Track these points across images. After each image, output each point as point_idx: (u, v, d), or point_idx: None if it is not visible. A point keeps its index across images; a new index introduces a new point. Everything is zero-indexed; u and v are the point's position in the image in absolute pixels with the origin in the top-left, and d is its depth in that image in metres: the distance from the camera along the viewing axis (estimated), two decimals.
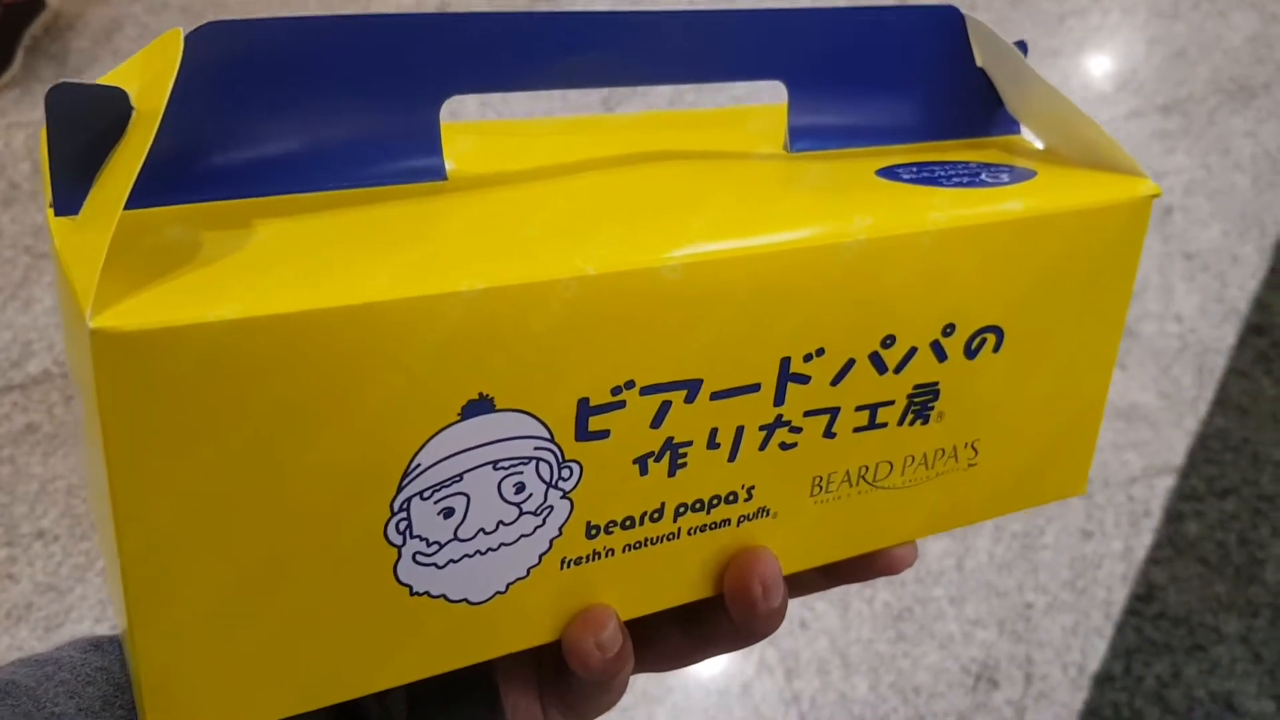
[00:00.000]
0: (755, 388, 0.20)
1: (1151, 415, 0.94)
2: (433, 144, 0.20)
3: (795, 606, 0.81)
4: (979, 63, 0.24)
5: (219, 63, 0.18)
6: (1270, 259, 1.07)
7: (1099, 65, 1.30)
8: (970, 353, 0.22)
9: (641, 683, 0.77)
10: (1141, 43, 1.32)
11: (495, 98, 1.20)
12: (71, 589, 0.84)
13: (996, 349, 0.22)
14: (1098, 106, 1.22)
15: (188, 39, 0.17)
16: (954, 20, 0.24)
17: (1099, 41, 1.33)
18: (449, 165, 0.20)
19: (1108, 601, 0.82)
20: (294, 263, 0.17)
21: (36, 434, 0.93)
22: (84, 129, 0.17)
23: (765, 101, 0.28)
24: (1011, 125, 0.26)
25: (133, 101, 0.17)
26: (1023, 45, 0.24)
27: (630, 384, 0.19)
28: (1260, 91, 1.24)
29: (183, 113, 0.18)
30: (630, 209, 0.20)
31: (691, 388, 0.19)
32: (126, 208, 0.18)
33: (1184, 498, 0.89)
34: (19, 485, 0.90)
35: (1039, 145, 0.25)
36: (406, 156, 0.20)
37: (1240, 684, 0.77)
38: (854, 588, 0.83)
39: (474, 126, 0.24)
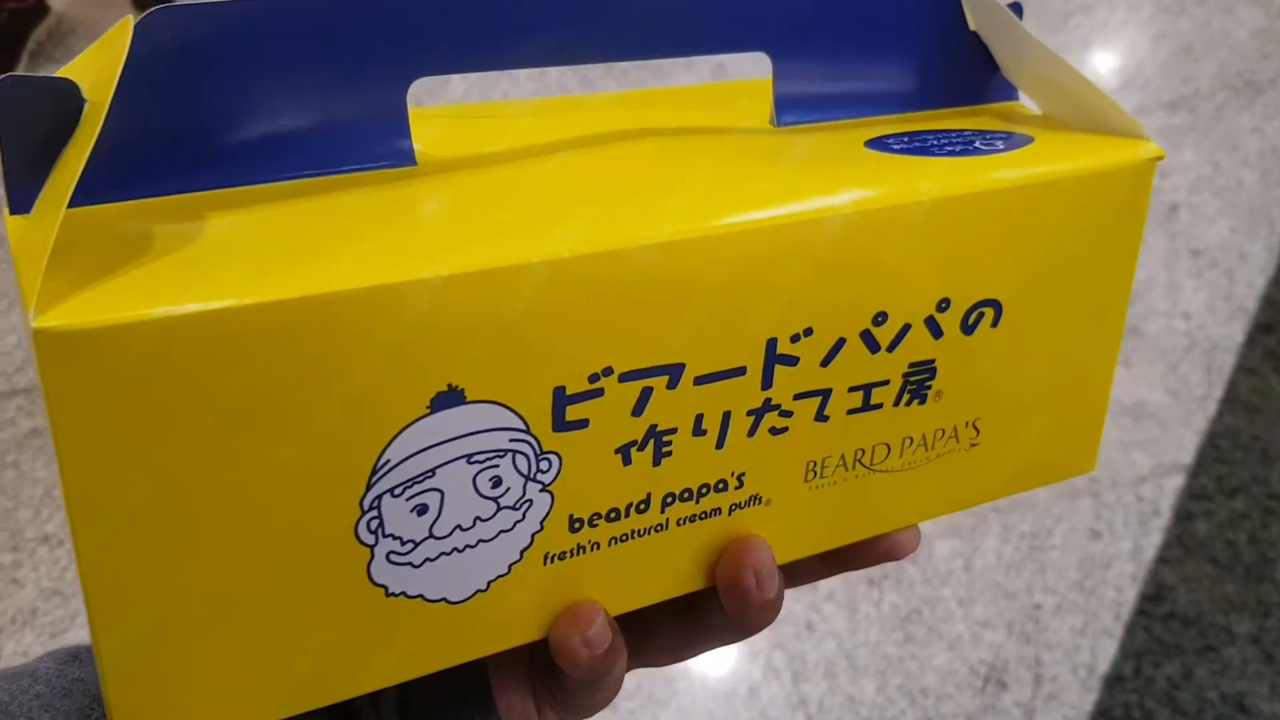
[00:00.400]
0: (741, 371, 0.19)
1: (1160, 414, 0.93)
2: (400, 127, 0.19)
3: (801, 609, 0.81)
4: (972, 27, 0.24)
5: (173, 50, 0.17)
6: (1279, 256, 1.06)
7: (1104, 62, 1.29)
8: (967, 328, 0.21)
9: (647, 685, 0.77)
10: (1147, 39, 1.32)
11: (488, 83, 1.20)
12: (76, 594, 0.84)
13: (995, 323, 0.22)
14: None
15: (137, 26, 0.17)
16: None
17: (1104, 38, 1.32)
18: (418, 149, 0.20)
19: (1117, 602, 0.81)
20: (251, 254, 0.16)
21: (42, 438, 0.93)
22: (36, 124, 0.16)
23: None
24: (1009, 91, 0.25)
25: (85, 94, 0.17)
26: (1018, 8, 0.23)
27: (608, 371, 0.18)
28: (1267, 87, 1.24)
29: (136, 103, 0.17)
30: (605, 190, 0.20)
31: (673, 373, 0.19)
32: (82, 203, 0.17)
33: (1193, 497, 0.88)
34: (24, 490, 0.90)
35: (1037, 111, 0.25)
36: (373, 141, 0.19)
37: (1252, 685, 0.77)
38: (860, 589, 0.82)
39: (445, 110, 0.24)
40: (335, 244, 0.17)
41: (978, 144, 0.22)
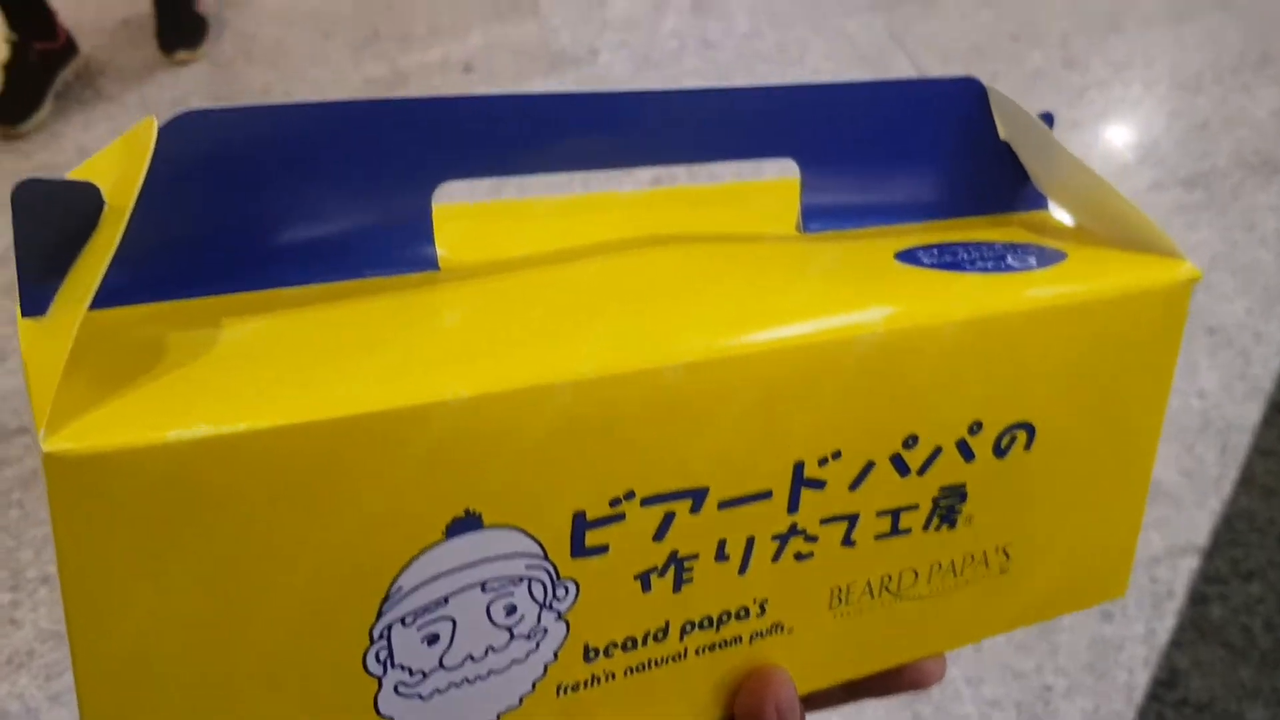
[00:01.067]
0: (766, 495, 0.19)
1: (1174, 494, 0.92)
2: (424, 232, 0.19)
3: None
4: (1002, 136, 0.24)
5: (196, 153, 0.17)
6: None
7: (1120, 137, 1.30)
8: (1000, 451, 0.21)
9: None
10: (1163, 115, 1.32)
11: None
12: None
13: (1028, 447, 0.21)
14: (1119, 179, 1.22)
15: (162, 129, 0.17)
16: (975, 92, 0.23)
17: (1121, 113, 1.33)
18: (441, 253, 0.19)
19: (1129, 685, 0.80)
20: (268, 367, 0.16)
21: None
22: (53, 226, 0.16)
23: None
24: (1038, 201, 0.25)
25: (105, 196, 0.16)
26: (1049, 117, 0.23)
27: (630, 495, 0.18)
28: None
29: (158, 206, 0.17)
30: (630, 300, 0.19)
31: (697, 497, 0.18)
32: (97, 307, 0.17)
33: (1208, 579, 0.86)
34: (26, 530, 0.90)
35: (1068, 222, 0.24)
36: (396, 246, 0.19)
37: None
38: None
39: (469, 209, 0.23)
40: (354, 357, 0.16)
41: (1009, 259, 0.21)
